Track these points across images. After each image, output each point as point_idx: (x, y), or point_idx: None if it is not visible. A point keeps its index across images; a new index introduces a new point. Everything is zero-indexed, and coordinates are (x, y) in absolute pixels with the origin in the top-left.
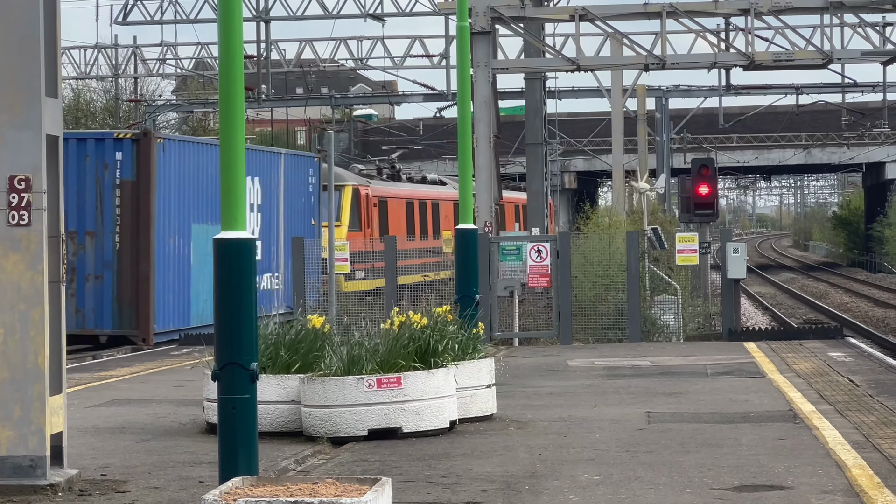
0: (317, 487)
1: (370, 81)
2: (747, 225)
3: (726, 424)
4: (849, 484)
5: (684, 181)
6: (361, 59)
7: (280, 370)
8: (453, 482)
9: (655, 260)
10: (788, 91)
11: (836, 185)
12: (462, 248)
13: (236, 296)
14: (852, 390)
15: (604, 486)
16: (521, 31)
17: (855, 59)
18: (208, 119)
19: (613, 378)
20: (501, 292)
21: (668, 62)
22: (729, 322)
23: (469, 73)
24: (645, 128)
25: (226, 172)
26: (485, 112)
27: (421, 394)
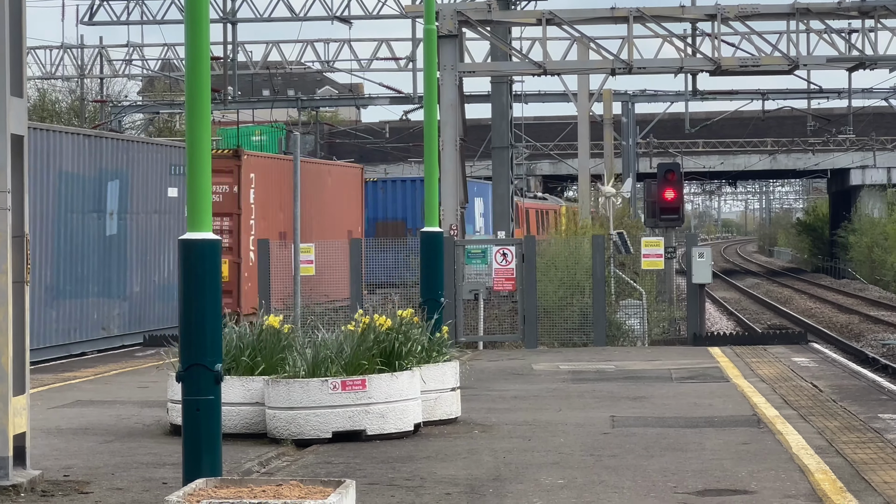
0: (280, 489)
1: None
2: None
3: (690, 429)
4: (812, 489)
5: (650, 186)
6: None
7: (244, 372)
8: (417, 485)
9: (621, 264)
10: (754, 96)
11: (801, 190)
12: (427, 251)
13: (201, 296)
14: (816, 395)
15: (568, 490)
16: (488, 34)
17: (821, 65)
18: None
19: (578, 382)
20: (467, 295)
21: (634, 67)
22: (694, 327)
23: (436, 76)
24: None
25: (192, 174)
26: (451, 115)
27: (385, 396)
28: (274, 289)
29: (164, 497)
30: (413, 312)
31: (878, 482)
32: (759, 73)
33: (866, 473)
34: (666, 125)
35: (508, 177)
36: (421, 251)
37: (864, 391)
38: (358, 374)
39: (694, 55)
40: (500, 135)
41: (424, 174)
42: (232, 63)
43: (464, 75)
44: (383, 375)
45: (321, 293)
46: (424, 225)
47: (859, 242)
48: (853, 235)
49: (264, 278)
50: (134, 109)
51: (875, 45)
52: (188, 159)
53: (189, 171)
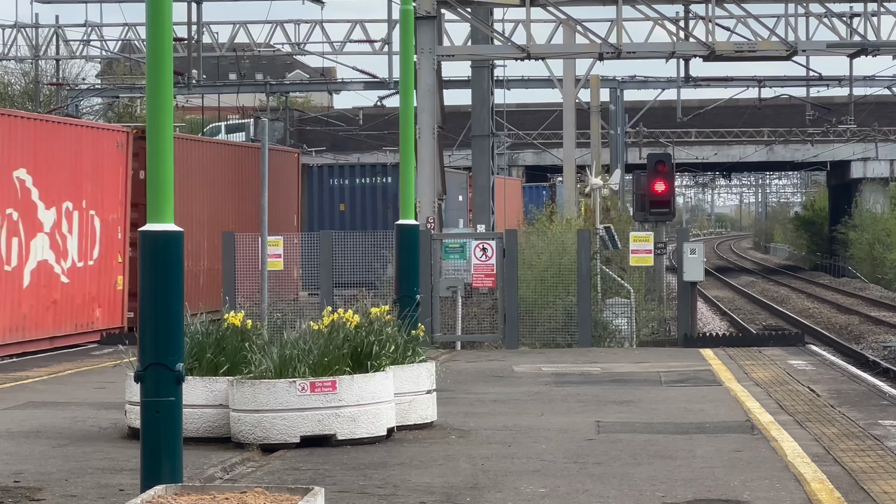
0: (245, 497)
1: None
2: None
3: (680, 435)
4: (808, 499)
5: (639, 178)
6: (298, 44)
7: (207, 372)
8: (390, 493)
9: (608, 260)
10: (750, 84)
11: (799, 183)
12: (402, 245)
13: (162, 291)
14: (813, 400)
15: (550, 500)
16: (469, 15)
17: (820, 50)
18: (135, 105)
19: (561, 385)
20: (444, 292)
21: (623, 51)
22: (685, 327)
23: (412, 59)
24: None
25: (153, 163)
26: (428, 101)
27: (357, 399)
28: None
29: None
30: (386, 310)
31: (877, 492)
32: (755, 59)
33: (865, 483)
34: (657, 113)
35: (489, 167)
36: (396, 245)
37: (864, 396)
38: (328, 374)
39: (687, 39)
40: (481, 122)
41: (400, 164)
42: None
43: (442, 59)
44: (355, 377)
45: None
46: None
47: (860, 239)
48: (854, 231)
49: (229, 273)
50: (92, 93)
51: (878, 31)
52: (149, 147)
53: (150, 160)
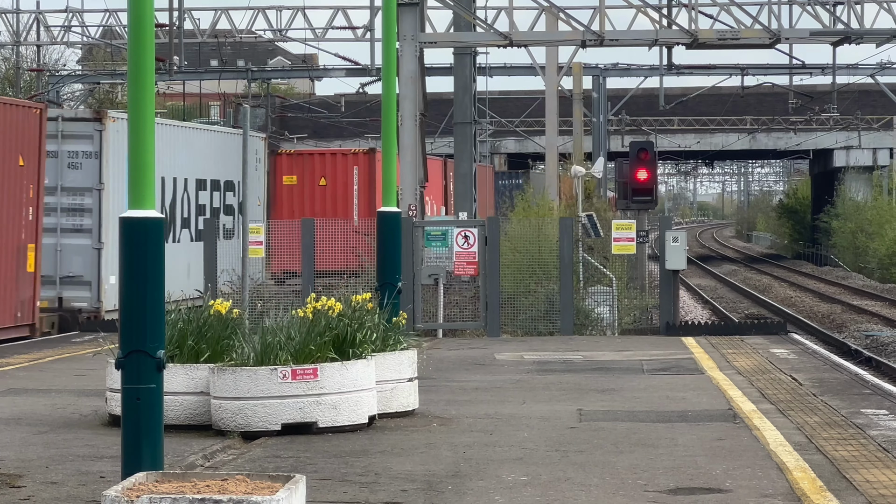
0: (226, 484)
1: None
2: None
3: (662, 424)
4: (790, 487)
5: (622, 165)
6: (280, 31)
7: (188, 359)
8: (372, 481)
9: (590, 248)
10: (733, 72)
11: (781, 172)
12: (384, 232)
13: (143, 278)
14: (795, 389)
15: (531, 488)
16: (451, 2)
17: (804, 38)
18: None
19: (543, 373)
20: (426, 280)
21: (606, 38)
22: (667, 315)
23: (395, 46)
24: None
25: (134, 148)
26: (411, 88)
27: (338, 387)
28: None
29: (102, 491)
30: (368, 297)
31: (859, 481)
32: (738, 47)
33: (847, 472)
34: (639, 101)
35: (471, 154)
36: (377, 232)
37: (846, 385)
38: (309, 362)
39: (669, 27)
40: (463, 110)
41: (382, 151)
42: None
43: (425, 46)
44: (336, 364)
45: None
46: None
47: (843, 228)
48: (836, 220)
49: (210, 260)
50: (73, 79)
51: (861, 18)
52: (130, 133)
53: (131, 146)
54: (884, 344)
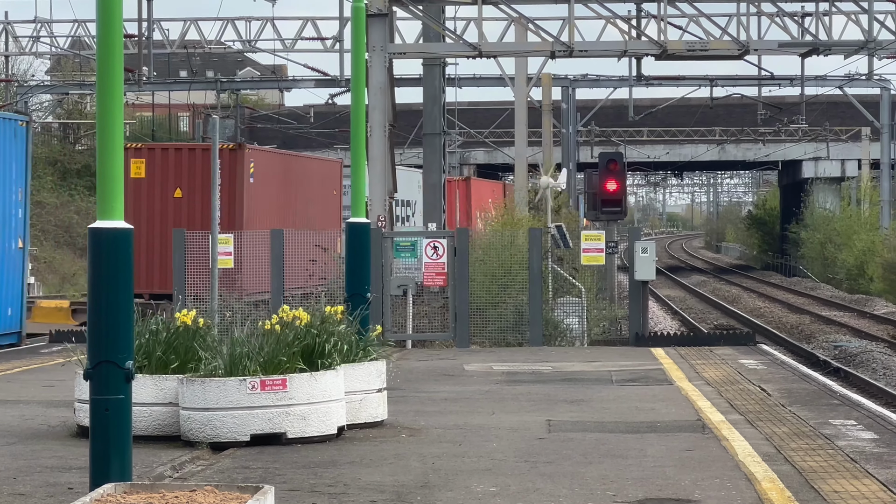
0: (194, 495)
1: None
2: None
3: (631, 434)
4: (758, 498)
5: (591, 176)
6: (250, 41)
7: (157, 370)
8: (340, 492)
9: (559, 259)
10: (702, 83)
11: (750, 183)
12: (354, 243)
13: (112, 288)
14: (764, 400)
15: (500, 498)
16: (421, 13)
17: (772, 50)
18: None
19: (513, 384)
20: (395, 291)
21: (575, 49)
22: (636, 326)
23: (364, 57)
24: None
25: (102, 158)
26: (380, 99)
27: (307, 397)
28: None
29: (70, 503)
30: (341, 309)
31: (828, 491)
32: (707, 58)
33: (816, 482)
34: (608, 112)
35: (440, 165)
36: (347, 243)
37: (815, 395)
38: (278, 372)
39: (639, 38)
40: (432, 120)
41: (351, 162)
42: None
43: (394, 57)
44: (305, 375)
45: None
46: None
47: (811, 238)
48: (805, 231)
49: (179, 270)
50: (41, 90)
51: (829, 30)
52: (98, 144)
53: (99, 156)
54: (852, 354)
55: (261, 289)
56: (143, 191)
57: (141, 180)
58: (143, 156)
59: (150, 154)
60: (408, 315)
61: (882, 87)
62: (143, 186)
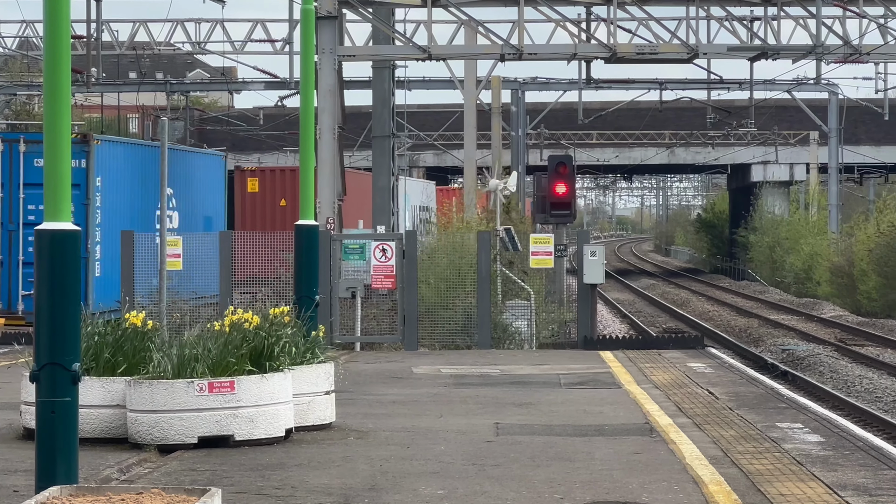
0: (141, 498)
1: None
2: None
3: (579, 437)
4: (705, 501)
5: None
6: (199, 43)
7: (105, 372)
8: (288, 494)
9: (508, 262)
10: (652, 86)
11: (700, 186)
12: (302, 245)
13: (59, 290)
14: (712, 403)
15: (448, 501)
16: (370, 16)
17: (721, 53)
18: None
19: (461, 387)
20: (343, 293)
21: (525, 52)
22: (584, 329)
23: (313, 59)
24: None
25: (50, 160)
26: (329, 101)
27: (255, 399)
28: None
29: None
30: (286, 311)
31: (774, 494)
32: (656, 62)
33: (762, 485)
34: (558, 115)
35: (389, 168)
36: (295, 246)
37: (762, 399)
38: (226, 375)
39: (588, 41)
40: (382, 123)
41: (300, 164)
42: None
43: (343, 59)
44: (253, 377)
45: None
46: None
47: (760, 242)
48: (753, 235)
49: (128, 272)
50: None
51: (778, 35)
52: (46, 145)
53: (47, 158)
54: (799, 358)
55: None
56: (258, 202)
57: (255, 194)
58: (257, 175)
59: (261, 174)
60: (356, 317)
61: (830, 91)
62: (256, 199)
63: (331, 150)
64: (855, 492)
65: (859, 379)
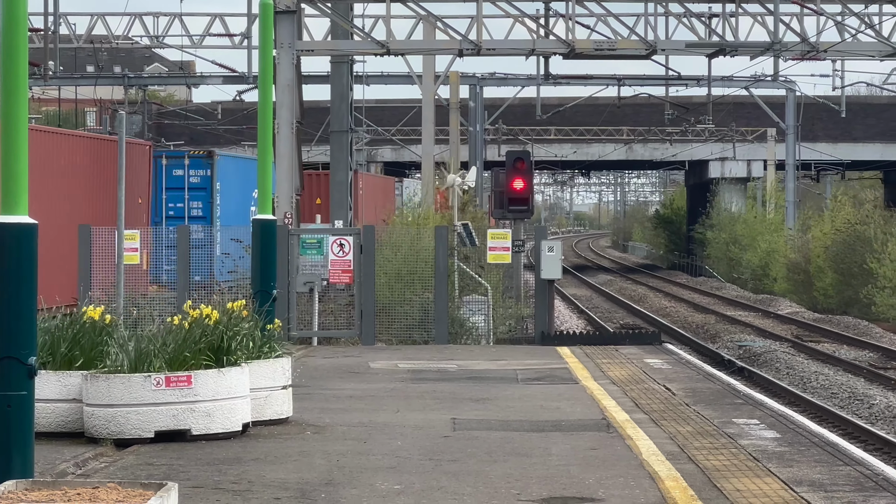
0: (97, 492)
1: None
2: (564, 223)
3: (536, 433)
4: (662, 496)
5: (498, 175)
6: (157, 37)
7: (61, 366)
8: (245, 489)
9: (465, 258)
10: (610, 82)
11: (657, 182)
12: (260, 240)
13: (15, 284)
14: (668, 399)
15: (405, 496)
16: (329, 10)
17: (679, 50)
18: None
19: (418, 382)
20: (301, 288)
21: (483, 48)
22: (542, 325)
23: (272, 54)
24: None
25: (7, 153)
26: (287, 96)
27: (212, 394)
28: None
29: None
30: (243, 305)
31: (730, 490)
32: (615, 58)
33: (719, 481)
34: (516, 111)
35: (347, 163)
36: (253, 240)
37: (719, 395)
38: (183, 369)
39: (547, 37)
40: (340, 118)
41: (258, 158)
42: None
43: (302, 54)
44: (210, 371)
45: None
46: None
47: (717, 238)
48: (711, 231)
49: (84, 266)
50: None
51: (736, 31)
52: (3, 138)
53: (3, 151)
54: (756, 354)
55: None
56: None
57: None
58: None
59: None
60: (314, 312)
61: (787, 88)
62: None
63: (289, 145)
64: (811, 487)
65: (815, 375)
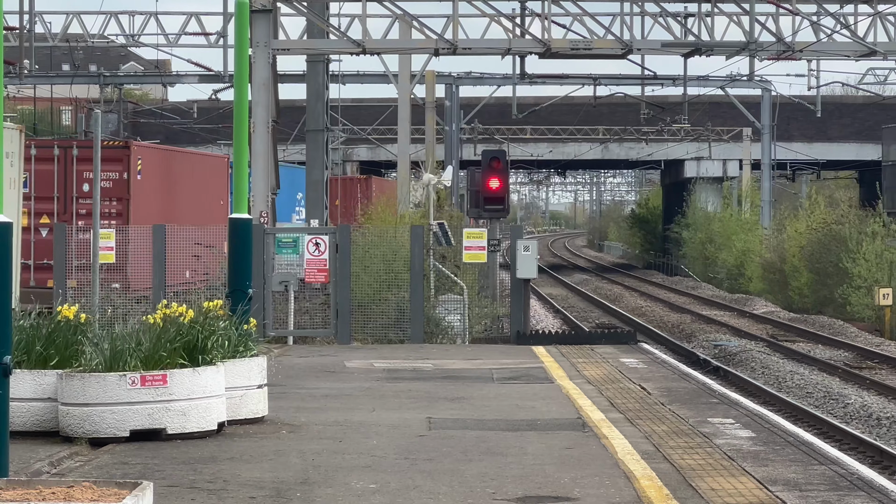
0: (72, 491)
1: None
2: (540, 222)
3: (511, 432)
4: (637, 496)
5: (474, 174)
6: (133, 36)
7: (36, 365)
8: (220, 488)
9: (442, 257)
10: (586, 82)
11: (633, 182)
12: (235, 239)
13: None
14: (644, 398)
15: (380, 495)
16: (305, 9)
17: (655, 49)
18: None
19: (393, 381)
20: (276, 287)
21: (459, 47)
22: (517, 324)
23: (247, 53)
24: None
25: None
26: (263, 95)
27: (188, 393)
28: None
29: None
30: (219, 304)
31: (705, 489)
32: (591, 57)
33: (694, 480)
34: (492, 110)
35: (323, 162)
36: (229, 239)
37: (694, 394)
38: (159, 368)
39: (523, 36)
40: (315, 117)
41: (234, 158)
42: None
43: (278, 53)
44: (185, 370)
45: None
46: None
47: (693, 238)
48: (686, 231)
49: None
50: None
51: (711, 31)
52: None
53: None
54: (731, 354)
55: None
56: None
57: None
58: None
59: None
60: (289, 311)
61: (763, 87)
62: None
63: (265, 144)
64: (785, 486)
65: (790, 374)
